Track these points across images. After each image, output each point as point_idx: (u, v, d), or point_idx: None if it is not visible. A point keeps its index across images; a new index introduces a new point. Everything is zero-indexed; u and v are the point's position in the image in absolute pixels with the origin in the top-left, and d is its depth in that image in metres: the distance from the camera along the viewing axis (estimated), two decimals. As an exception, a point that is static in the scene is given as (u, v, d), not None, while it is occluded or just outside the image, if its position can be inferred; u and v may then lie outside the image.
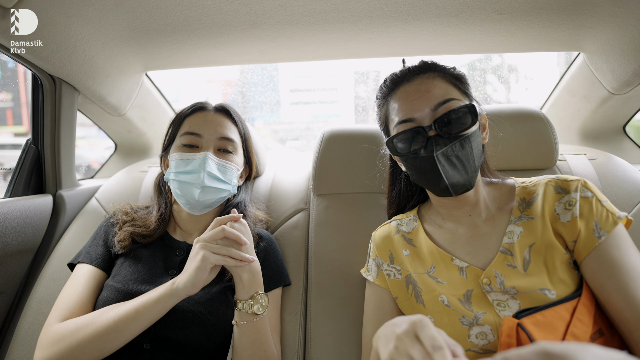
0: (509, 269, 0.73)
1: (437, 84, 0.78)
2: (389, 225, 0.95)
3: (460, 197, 0.81)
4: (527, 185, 0.82)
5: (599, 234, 0.70)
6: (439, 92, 0.77)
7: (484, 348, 0.71)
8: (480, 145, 0.80)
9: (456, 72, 0.82)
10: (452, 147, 0.74)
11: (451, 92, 0.78)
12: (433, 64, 0.82)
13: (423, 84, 0.78)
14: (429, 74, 0.80)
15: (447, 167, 0.74)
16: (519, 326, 0.64)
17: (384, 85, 0.87)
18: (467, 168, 0.76)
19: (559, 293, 0.68)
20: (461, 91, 0.80)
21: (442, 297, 0.78)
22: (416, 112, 0.77)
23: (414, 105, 0.77)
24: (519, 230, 0.76)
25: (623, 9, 1.08)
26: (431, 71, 0.81)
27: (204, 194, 0.96)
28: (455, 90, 0.79)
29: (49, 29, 1.03)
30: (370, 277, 0.92)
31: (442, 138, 0.74)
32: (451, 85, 0.79)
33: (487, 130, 0.86)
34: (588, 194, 0.74)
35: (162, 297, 0.78)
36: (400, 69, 0.84)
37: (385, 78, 0.87)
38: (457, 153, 0.75)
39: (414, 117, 0.77)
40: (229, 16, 1.11)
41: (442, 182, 0.76)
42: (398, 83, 0.82)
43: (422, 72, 0.81)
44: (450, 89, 0.78)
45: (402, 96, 0.80)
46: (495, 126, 1.06)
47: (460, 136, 0.75)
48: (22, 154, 1.26)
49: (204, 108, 1.04)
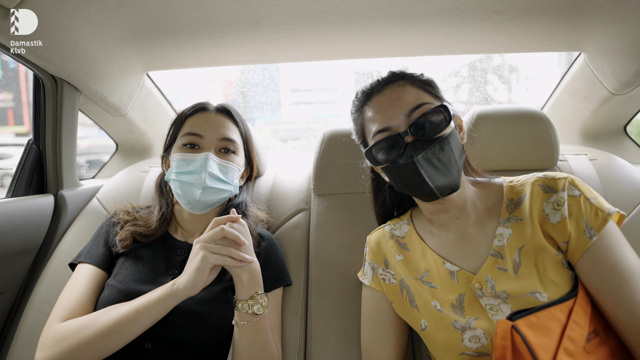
0: (500, 273, 0.73)
1: (408, 91, 0.79)
2: (382, 230, 0.95)
3: (446, 199, 0.80)
4: (514, 185, 0.81)
5: (590, 234, 0.70)
6: (410, 98, 0.78)
7: (478, 351, 0.71)
8: (460, 145, 0.80)
9: (425, 77, 0.84)
10: (432, 149, 0.74)
11: (423, 96, 0.79)
12: (401, 73, 0.83)
13: (394, 92, 0.80)
14: (399, 82, 0.81)
15: (429, 170, 0.74)
16: (514, 328, 0.63)
17: (356, 99, 0.87)
18: (450, 169, 0.75)
19: (550, 295, 0.68)
20: (432, 95, 0.81)
21: (434, 302, 0.78)
22: (391, 121, 0.77)
23: (387, 114, 0.78)
24: (508, 232, 0.76)
25: (624, 9, 1.08)
26: (400, 79, 0.82)
27: (206, 195, 0.96)
28: (426, 94, 0.80)
29: (50, 29, 1.03)
30: (366, 281, 0.93)
31: (419, 142, 0.75)
32: (422, 90, 0.80)
33: (463, 130, 0.86)
34: (576, 193, 0.72)
35: (162, 297, 0.78)
36: (370, 82, 0.85)
37: (357, 92, 0.88)
38: (437, 155, 0.74)
39: (389, 125, 0.78)
40: (230, 17, 1.12)
41: (427, 186, 0.75)
42: (370, 95, 0.83)
43: (392, 82, 0.82)
44: (421, 94, 0.79)
45: (375, 106, 0.81)
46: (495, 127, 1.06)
47: (438, 138, 0.75)
48: (23, 154, 1.27)
49: (205, 108, 1.05)
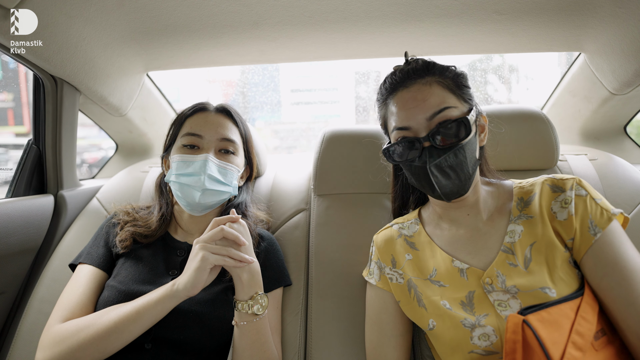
0: (511, 268, 0.74)
1: (434, 92, 0.78)
2: (390, 229, 0.95)
3: (456, 199, 0.81)
4: (524, 186, 0.83)
5: (594, 231, 0.72)
6: (434, 101, 0.77)
7: (487, 349, 0.71)
8: (476, 152, 0.80)
9: (455, 73, 0.81)
10: (446, 158, 0.75)
11: (447, 99, 0.78)
12: (432, 65, 0.81)
13: (420, 92, 0.78)
14: (427, 79, 0.79)
15: (439, 177, 0.76)
16: (525, 323, 0.64)
17: (383, 87, 0.86)
18: (461, 176, 0.77)
19: (559, 291, 0.69)
20: (458, 96, 0.79)
21: (443, 301, 0.78)
22: (412, 121, 0.78)
23: (409, 113, 0.78)
24: (520, 229, 0.77)
25: (624, 9, 1.08)
26: (430, 75, 0.80)
27: (205, 197, 0.96)
28: (452, 96, 0.79)
29: (50, 30, 1.03)
30: (373, 280, 0.92)
31: (435, 149, 0.76)
32: (448, 91, 0.79)
33: (485, 131, 0.86)
34: (582, 192, 0.75)
35: (162, 298, 0.78)
36: (400, 70, 0.83)
37: (385, 79, 0.86)
38: (450, 163, 0.76)
39: (410, 125, 0.78)
40: (230, 17, 1.12)
41: (435, 191, 0.78)
42: (396, 87, 0.82)
43: (420, 77, 0.80)
44: (446, 96, 0.78)
45: (399, 103, 0.81)
46: (496, 127, 1.06)
47: (454, 146, 0.76)
48: (23, 154, 1.26)
49: (205, 109, 1.05)
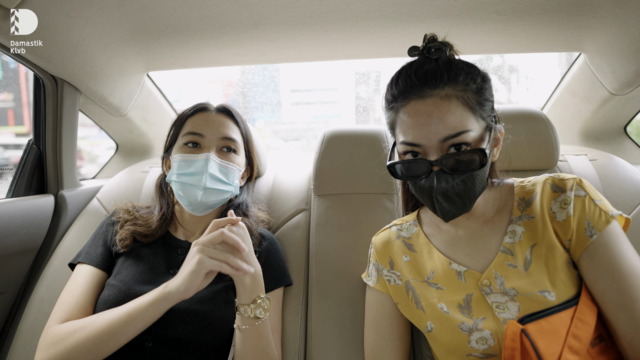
0: (509, 269, 0.73)
1: (452, 110, 0.69)
2: (389, 231, 0.95)
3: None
4: (525, 185, 0.82)
5: (590, 232, 0.70)
6: (451, 122, 0.68)
7: (485, 353, 0.71)
8: (486, 174, 0.75)
9: (480, 85, 0.72)
10: (454, 185, 0.70)
11: (465, 121, 0.69)
12: (456, 66, 0.71)
13: (436, 108, 0.69)
14: (447, 91, 0.69)
15: (443, 202, 0.72)
16: (523, 332, 0.64)
17: (395, 87, 0.75)
18: (466, 201, 0.73)
19: (559, 295, 0.68)
20: (478, 116, 0.71)
21: (441, 304, 0.77)
22: (423, 140, 0.70)
23: (421, 131, 0.70)
24: (520, 230, 0.76)
25: (624, 10, 1.08)
26: (451, 83, 0.70)
27: (207, 196, 0.96)
28: (471, 116, 0.70)
29: (50, 30, 1.03)
30: (371, 282, 0.92)
31: (444, 174, 0.70)
32: (468, 109, 0.70)
33: (499, 146, 0.80)
34: (581, 193, 0.74)
35: (154, 301, 0.77)
36: (418, 66, 0.73)
37: (399, 76, 0.75)
38: (457, 190, 0.71)
39: (420, 143, 0.71)
40: (230, 17, 1.12)
41: (436, 212, 0.75)
42: (410, 92, 0.72)
43: (439, 86, 0.70)
44: (465, 117, 0.69)
45: (411, 114, 0.71)
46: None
47: (464, 173, 0.70)
48: (23, 154, 1.27)
49: (205, 109, 1.05)
